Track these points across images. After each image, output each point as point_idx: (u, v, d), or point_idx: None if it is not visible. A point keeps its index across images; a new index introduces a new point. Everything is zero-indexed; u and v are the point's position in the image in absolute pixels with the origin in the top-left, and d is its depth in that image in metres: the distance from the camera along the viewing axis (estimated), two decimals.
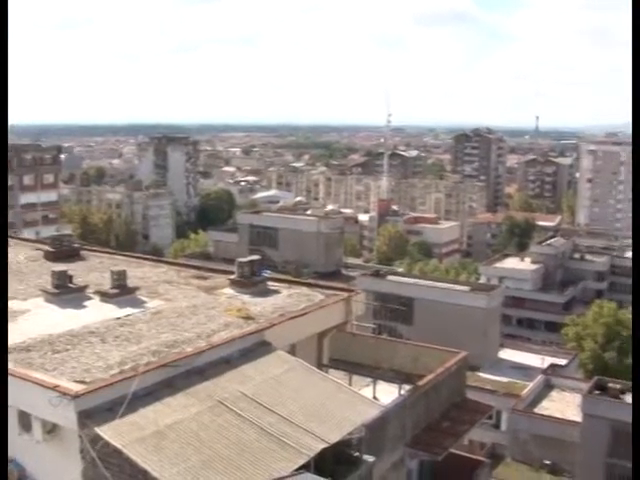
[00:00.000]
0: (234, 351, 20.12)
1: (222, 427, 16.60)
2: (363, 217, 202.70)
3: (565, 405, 57.86)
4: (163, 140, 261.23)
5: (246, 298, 24.91)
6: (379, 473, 21.89)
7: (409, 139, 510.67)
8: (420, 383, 24.75)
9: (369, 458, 19.21)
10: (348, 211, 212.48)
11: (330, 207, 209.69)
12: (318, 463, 16.80)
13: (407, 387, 24.20)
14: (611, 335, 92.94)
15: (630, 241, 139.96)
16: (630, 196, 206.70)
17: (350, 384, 23.72)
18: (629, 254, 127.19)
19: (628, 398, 54.72)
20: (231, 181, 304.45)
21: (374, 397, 23.02)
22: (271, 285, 26.74)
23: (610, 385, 55.31)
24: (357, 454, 18.98)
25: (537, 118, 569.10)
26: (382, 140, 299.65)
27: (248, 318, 22.58)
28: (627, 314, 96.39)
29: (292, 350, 22.34)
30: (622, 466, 51.98)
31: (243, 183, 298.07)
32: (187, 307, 23.63)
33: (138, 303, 23.65)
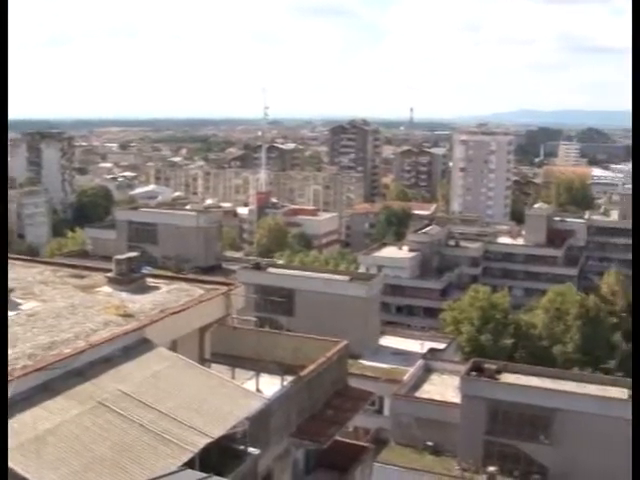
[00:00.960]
0: (114, 350, 19.80)
1: (103, 428, 16.32)
2: (242, 210, 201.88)
3: (445, 388, 59.44)
4: (36, 136, 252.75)
5: (125, 296, 24.51)
6: (265, 465, 22.02)
7: (286, 132, 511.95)
8: (302, 373, 24.98)
9: (254, 451, 19.30)
10: (227, 205, 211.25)
11: (209, 201, 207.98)
12: (203, 459, 16.75)
13: (289, 378, 24.39)
14: (486, 318, 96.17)
15: (502, 227, 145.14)
16: (501, 184, 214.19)
17: (233, 378, 23.74)
18: (501, 240, 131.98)
19: (504, 378, 56.87)
20: (108, 177, 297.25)
21: (257, 390, 23.10)
22: (150, 281, 26.39)
23: (486, 366, 57.24)
24: (242, 447, 19.04)
25: (411, 110, 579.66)
26: (260, 133, 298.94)
27: (127, 316, 22.24)
28: (501, 297, 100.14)
29: (173, 346, 22.16)
30: (500, 443, 54.02)
31: (120, 179, 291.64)
32: (64, 307, 23.06)
33: (12, 305, 22.87)
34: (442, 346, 70.26)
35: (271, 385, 24.09)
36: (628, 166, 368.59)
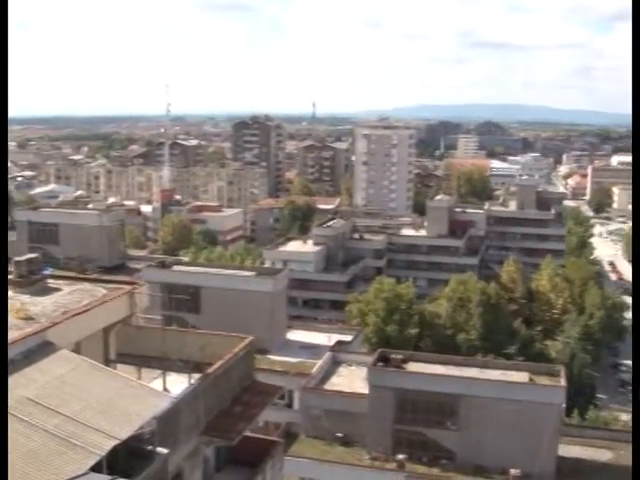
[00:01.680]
0: (15, 354, 19.35)
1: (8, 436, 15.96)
2: (146, 208, 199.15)
3: (353, 379, 60.08)
4: None
5: (25, 298, 23.97)
6: (175, 463, 21.91)
7: (189, 128, 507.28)
8: (209, 371, 24.95)
9: (163, 450, 19.19)
10: (130, 203, 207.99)
11: (112, 200, 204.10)
12: (111, 461, 16.59)
13: (197, 376, 24.32)
14: (391, 309, 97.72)
15: (405, 219, 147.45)
16: (403, 177, 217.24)
17: (139, 378, 23.50)
18: (405, 231, 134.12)
19: (410, 367, 57.88)
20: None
21: (164, 389, 22.95)
22: (51, 283, 25.88)
23: (393, 356, 58.14)
24: (150, 448, 18.90)
25: (314, 105, 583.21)
26: (162, 130, 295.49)
27: (28, 319, 21.77)
28: (405, 288, 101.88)
29: (77, 348, 21.81)
30: (408, 431, 55.00)
31: (20, 178, 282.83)
32: None
33: None
34: (349, 338, 70.89)
35: (178, 383, 23.96)
36: (525, 158, 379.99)
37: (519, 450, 53.90)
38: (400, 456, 51.90)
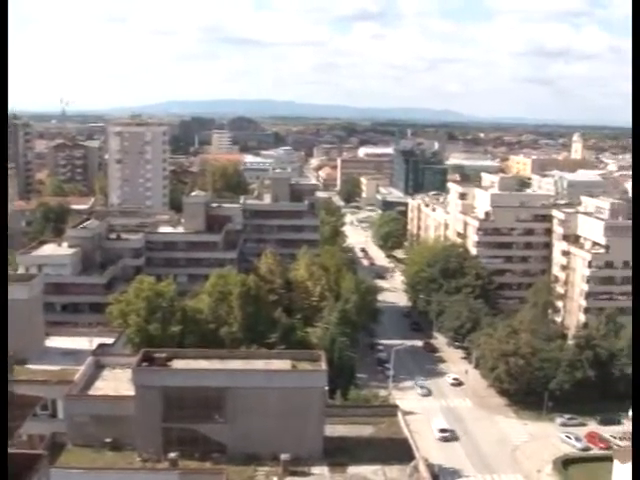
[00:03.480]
0: None
1: None
2: None
3: (118, 382, 58.97)
4: None
5: None
6: None
7: None
8: None
9: None
10: None
11: None
12: None
13: None
14: (153, 308, 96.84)
15: (163, 216, 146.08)
16: (158, 174, 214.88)
17: None
18: (162, 229, 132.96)
19: (175, 364, 57.72)
20: None
21: None
22: None
23: (157, 355, 57.77)
24: None
25: (64, 102, 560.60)
26: None
27: None
28: (166, 286, 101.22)
29: None
30: (178, 428, 54.88)
31: None
32: None
33: None
34: (111, 340, 69.59)
35: None
36: (277, 152, 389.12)
37: (287, 435, 55.57)
38: (172, 454, 51.73)
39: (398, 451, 60.23)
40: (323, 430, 58.22)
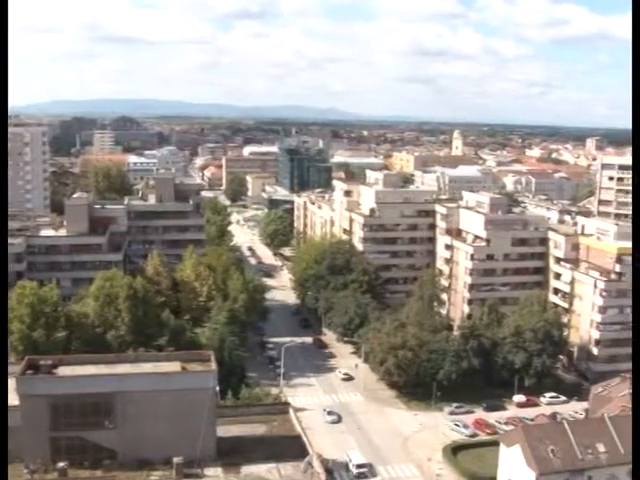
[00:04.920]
0: None
1: None
2: None
3: None
4: None
5: None
6: None
7: None
8: None
9: None
10: None
11: None
12: None
13: None
14: (36, 314, 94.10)
15: (44, 219, 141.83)
16: (38, 176, 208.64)
17: None
18: (44, 232, 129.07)
19: (61, 371, 56.29)
20: None
21: None
22: None
23: (42, 362, 56.26)
24: None
25: None
26: None
27: None
28: (49, 291, 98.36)
29: None
30: (66, 437, 53.62)
31: None
32: None
33: None
34: None
35: None
36: (161, 152, 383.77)
37: (180, 438, 55.12)
38: (60, 464, 50.56)
39: (291, 448, 60.70)
40: (215, 431, 58.05)
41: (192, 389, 56.28)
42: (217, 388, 60.32)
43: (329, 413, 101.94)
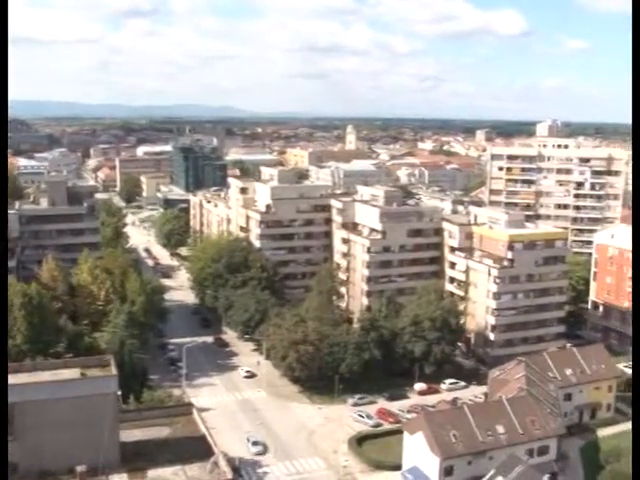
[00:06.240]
0: None
1: None
2: None
3: None
4: None
5: None
6: None
7: None
8: None
9: None
10: None
11: None
12: None
13: None
14: None
15: None
16: None
17: None
18: None
19: None
20: None
21: None
22: None
23: None
24: None
25: None
26: None
27: None
28: None
29: None
30: None
31: None
32: None
33: None
34: None
35: None
36: (52, 154, 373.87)
37: (82, 446, 54.17)
38: None
39: (197, 449, 60.55)
40: (119, 436, 57.35)
41: (93, 395, 55.41)
42: (118, 393, 59.53)
43: (254, 444, 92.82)
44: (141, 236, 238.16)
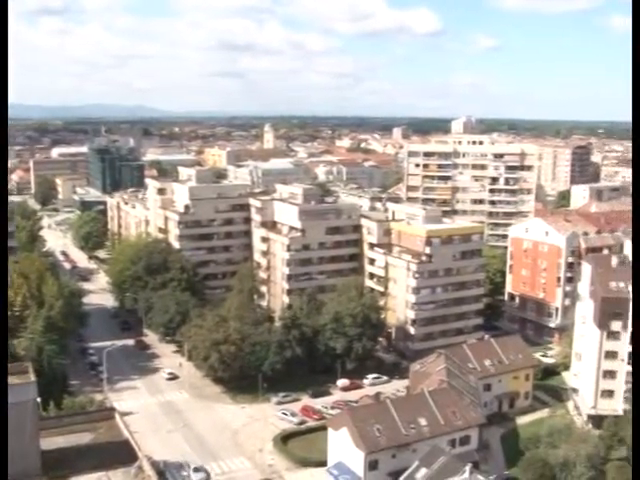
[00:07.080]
0: None
1: None
2: None
3: None
4: None
5: None
6: None
7: None
8: None
9: None
10: None
11: None
12: None
13: None
14: None
15: None
16: None
17: None
18: None
19: None
20: None
21: None
22: None
23: None
24: None
25: None
26: None
27: None
28: None
29: None
30: None
31: None
32: None
33: None
34: None
35: None
36: None
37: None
38: None
39: (120, 454, 59.92)
40: (39, 444, 56.34)
41: (11, 404, 54.23)
42: (38, 400, 58.39)
43: (195, 470, 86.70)
44: (58, 239, 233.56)
